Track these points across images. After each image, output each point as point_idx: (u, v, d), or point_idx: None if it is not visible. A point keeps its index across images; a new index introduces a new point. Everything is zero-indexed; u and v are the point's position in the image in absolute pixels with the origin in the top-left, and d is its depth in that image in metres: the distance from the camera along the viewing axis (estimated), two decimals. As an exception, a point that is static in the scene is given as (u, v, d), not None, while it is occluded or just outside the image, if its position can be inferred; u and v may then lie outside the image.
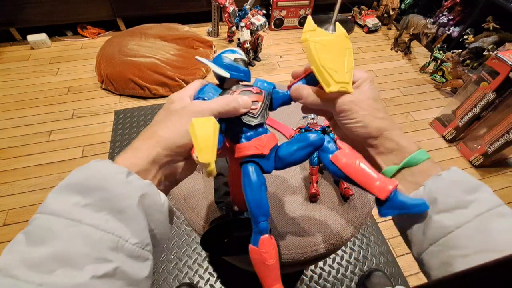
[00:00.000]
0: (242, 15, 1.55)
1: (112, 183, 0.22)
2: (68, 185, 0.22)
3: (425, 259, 0.27)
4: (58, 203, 0.21)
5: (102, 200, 0.21)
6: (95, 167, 0.23)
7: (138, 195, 0.23)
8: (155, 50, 1.53)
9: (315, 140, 0.30)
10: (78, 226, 0.20)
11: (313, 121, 0.61)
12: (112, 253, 0.20)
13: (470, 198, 0.25)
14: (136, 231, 0.22)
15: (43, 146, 1.21)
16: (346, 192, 0.52)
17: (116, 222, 0.21)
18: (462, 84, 1.44)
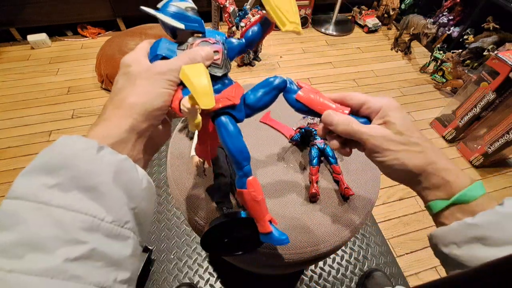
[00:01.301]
0: (242, 15, 1.55)
1: (81, 160, 0.21)
2: (35, 166, 0.21)
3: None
4: (24, 186, 0.20)
5: (71, 179, 0.20)
6: (62, 144, 0.22)
7: (111, 170, 0.21)
8: (155, 50, 1.53)
9: (279, 83, 0.32)
10: (45, 209, 0.19)
11: (313, 121, 0.61)
12: (86, 234, 0.19)
13: None
14: (112, 208, 0.21)
15: (43, 146, 1.20)
16: (346, 192, 0.52)
17: (89, 201, 0.20)
18: (462, 84, 1.44)
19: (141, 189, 0.24)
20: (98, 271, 0.19)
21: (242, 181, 0.32)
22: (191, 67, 0.23)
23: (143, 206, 0.24)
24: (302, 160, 0.59)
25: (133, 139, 0.24)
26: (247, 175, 0.32)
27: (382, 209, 1.06)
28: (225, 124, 0.30)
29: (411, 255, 0.95)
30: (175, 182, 0.55)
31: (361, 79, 1.63)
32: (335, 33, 1.98)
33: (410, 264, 0.93)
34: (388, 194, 1.11)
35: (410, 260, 0.94)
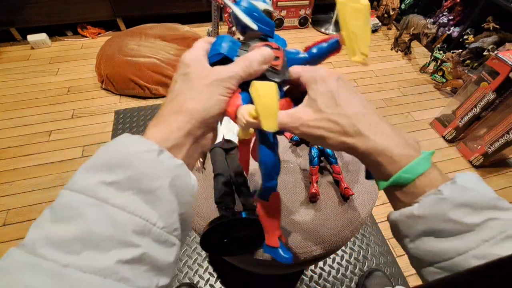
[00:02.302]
0: (242, 15, 1.55)
1: (141, 162, 0.21)
2: (97, 161, 0.21)
3: (423, 274, 0.25)
4: (84, 180, 0.20)
5: (129, 179, 0.20)
6: (124, 143, 0.22)
7: (170, 176, 0.21)
8: (155, 50, 1.53)
9: None
10: (103, 206, 0.19)
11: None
12: (139, 237, 0.19)
13: (478, 219, 0.21)
14: (164, 214, 0.21)
15: (43, 146, 1.21)
16: (346, 192, 0.52)
17: (143, 204, 0.20)
18: (462, 84, 1.44)
19: (191, 195, 0.24)
20: (144, 275, 0.19)
21: (267, 193, 0.32)
22: (264, 84, 0.22)
23: (189, 212, 0.24)
24: (302, 160, 0.59)
25: (188, 144, 0.24)
26: (274, 188, 0.32)
27: (382, 209, 1.06)
28: (268, 135, 0.29)
29: (411, 255, 0.95)
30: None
31: (361, 79, 1.63)
32: (335, 33, 1.98)
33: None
34: (388, 194, 1.11)
35: (410, 260, 0.94)
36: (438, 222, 0.22)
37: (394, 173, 0.24)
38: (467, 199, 0.22)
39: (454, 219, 0.22)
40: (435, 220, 0.22)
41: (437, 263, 0.23)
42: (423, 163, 0.24)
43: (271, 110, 0.21)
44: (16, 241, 0.92)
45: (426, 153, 0.25)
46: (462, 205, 0.22)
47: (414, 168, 0.24)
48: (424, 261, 0.24)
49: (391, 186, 0.25)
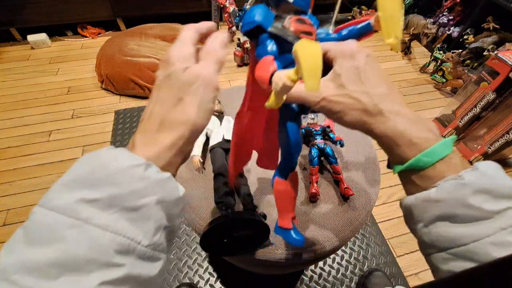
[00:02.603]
0: (242, 15, 1.55)
1: (127, 178, 0.19)
2: (75, 176, 0.19)
3: (432, 261, 0.25)
4: (61, 197, 0.19)
5: (113, 197, 0.19)
6: (109, 156, 0.20)
7: (157, 192, 0.20)
8: (155, 50, 1.53)
9: None
10: (83, 227, 0.18)
11: (313, 121, 0.61)
12: (122, 257, 0.18)
13: (497, 207, 0.21)
14: (149, 231, 0.20)
15: (43, 146, 1.21)
16: (346, 192, 0.52)
17: (126, 222, 0.19)
18: (462, 84, 1.44)
19: (179, 210, 0.23)
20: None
21: (286, 173, 0.33)
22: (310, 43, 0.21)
23: (176, 223, 0.23)
24: (302, 160, 0.59)
25: (180, 160, 0.24)
26: (294, 168, 0.33)
27: (382, 209, 1.06)
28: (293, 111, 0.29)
29: (411, 255, 0.95)
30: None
31: (361, 79, 1.63)
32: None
33: (410, 264, 0.93)
34: (388, 194, 1.11)
35: (410, 260, 0.94)
36: (456, 207, 0.22)
37: (412, 157, 0.24)
38: (488, 186, 0.21)
39: (473, 204, 0.21)
40: (453, 205, 0.22)
41: (450, 249, 0.22)
42: (444, 148, 0.23)
43: (315, 70, 0.21)
44: (16, 241, 0.92)
45: (448, 139, 0.24)
46: (482, 192, 0.21)
47: (434, 152, 0.23)
48: (436, 246, 0.23)
49: (407, 170, 0.24)
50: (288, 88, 0.22)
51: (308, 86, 0.20)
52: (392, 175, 0.28)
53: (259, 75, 0.25)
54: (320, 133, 0.57)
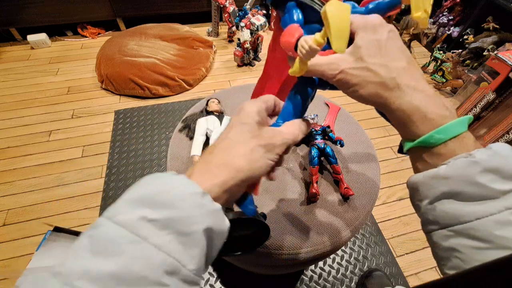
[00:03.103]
0: (242, 15, 1.55)
1: (185, 203, 0.21)
2: (140, 195, 0.21)
3: (433, 238, 0.25)
4: (126, 213, 0.20)
5: (170, 219, 0.20)
6: (170, 181, 0.22)
7: (207, 221, 0.21)
8: (155, 50, 1.53)
9: None
10: (142, 244, 0.19)
11: (313, 121, 0.61)
12: (169, 277, 0.19)
13: (505, 187, 0.21)
14: (195, 257, 0.21)
15: (43, 146, 1.21)
16: (346, 192, 0.52)
17: (178, 245, 0.20)
18: (462, 84, 1.44)
19: (222, 240, 0.24)
20: None
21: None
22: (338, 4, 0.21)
23: (214, 255, 0.24)
24: (302, 160, 0.59)
25: (225, 198, 0.25)
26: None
27: (382, 209, 1.06)
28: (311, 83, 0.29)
29: (411, 255, 0.95)
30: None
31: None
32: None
33: (410, 264, 0.93)
34: (388, 194, 1.11)
35: (410, 260, 0.94)
36: (463, 185, 0.22)
37: (425, 133, 0.23)
38: (499, 165, 0.21)
39: (481, 183, 0.21)
40: (461, 182, 0.22)
41: (453, 225, 0.22)
42: (459, 126, 0.23)
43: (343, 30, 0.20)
44: (16, 241, 0.92)
45: (464, 117, 0.23)
46: (492, 171, 0.21)
47: (448, 129, 0.23)
48: (439, 223, 0.24)
49: (418, 146, 0.24)
50: (313, 51, 0.22)
51: (335, 46, 0.20)
52: (392, 175, 0.28)
53: (285, 40, 0.25)
54: (320, 133, 0.57)
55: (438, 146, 0.23)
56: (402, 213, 1.05)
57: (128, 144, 1.22)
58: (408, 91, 0.24)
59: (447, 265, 0.24)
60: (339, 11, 0.20)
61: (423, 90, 0.24)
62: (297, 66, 0.24)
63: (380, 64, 0.25)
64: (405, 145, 0.26)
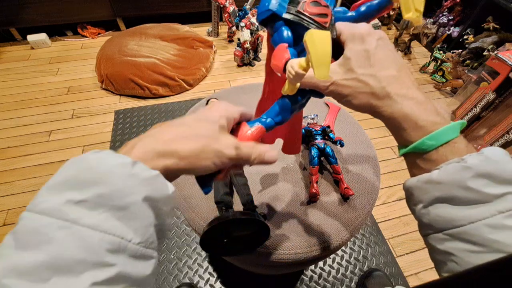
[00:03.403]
0: (242, 15, 1.55)
1: (114, 177, 0.19)
2: (62, 179, 0.19)
3: (429, 241, 0.25)
4: (50, 200, 0.19)
5: (101, 196, 0.19)
6: (93, 158, 0.20)
7: (144, 189, 0.20)
8: (155, 50, 1.53)
9: None
10: (72, 227, 0.18)
11: (313, 121, 0.61)
12: (113, 256, 0.18)
13: (497, 191, 0.21)
14: (140, 229, 0.20)
15: (43, 146, 1.21)
16: (346, 192, 0.52)
17: (116, 221, 0.19)
18: (462, 84, 1.44)
19: (169, 207, 0.23)
20: None
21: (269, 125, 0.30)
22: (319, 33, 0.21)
23: (166, 221, 0.23)
24: (302, 160, 0.59)
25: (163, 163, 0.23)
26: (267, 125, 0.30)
27: (382, 209, 1.06)
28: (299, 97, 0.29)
29: (411, 255, 0.95)
30: (175, 182, 0.55)
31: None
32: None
33: (410, 264, 0.93)
34: (388, 194, 1.11)
35: (410, 260, 0.94)
36: (456, 189, 0.22)
37: (417, 139, 0.24)
38: (490, 170, 0.21)
39: (473, 187, 0.21)
40: (453, 187, 0.22)
41: (447, 229, 0.23)
42: (450, 132, 0.23)
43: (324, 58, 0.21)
44: (16, 241, 0.92)
45: (456, 123, 0.24)
46: (484, 176, 0.21)
47: (439, 136, 0.23)
48: (434, 227, 0.24)
49: (411, 152, 0.25)
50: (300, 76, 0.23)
51: (318, 74, 0.20)
52: (392, 175, 0.28)
53: (274, 63, 0.25)
54: (320, 133, 0.57)
55: (430, 152, 0.24)
56: (402, 213, 1.05)
57: (128, 144, 1.22)
58: (398, 100, 0.25)
59: (444, 268, 0.24)
60: (318, 40, 0.21)
61: (413, 97, 0.25)
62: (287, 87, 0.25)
63: (369, 75, 0.25)
64: (399, 150, 0.27)
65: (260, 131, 0.29)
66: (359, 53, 0.26)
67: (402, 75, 0.26)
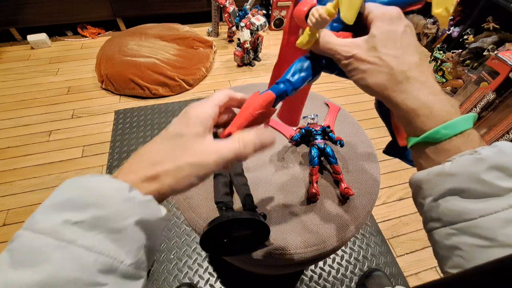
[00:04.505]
0: (242, 15, 1.55)
1: (112, 200, 0.20)
2: (61, 199, 0.20)
3: (434, 236, 0.25)
4: (47, 220, 0.19)
5: (98, 218, 0.20)
6: (94, 180, 0.21)
7: (138, 213, 0.21)
8: (155, 50, 1.53)
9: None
10: (68, 248, 0.18)
11: (313, 121, 0.61)
12: (105, 276, 0.19)
13: (510, 185, 0.21)
14: (132, 251, 0.21)
15: (43, 146, 1.21)
16: (346, 192, 0.52)
17: (110, 243, 0.20)
18: (462, 84, 1.44)
19: (160, 229, 0.24)
20: None
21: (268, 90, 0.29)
22: None
23: (156, 243, 0.24)
24: (302, 160, 0.59)
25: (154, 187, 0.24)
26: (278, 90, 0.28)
27: (382, 209, 1.06)
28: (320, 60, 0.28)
29: (411, 255, 0.95)
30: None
31: (361, 79, 1.63)
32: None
33: (410, 264, 0.93)
34: (388, 194, 1.11)
35: (410, 260, 0.94)
36: (469, 182, 0.22)
37: (431, 128, 0.23)
38: (504, 163, 0.21)
39: (486, 180, 0.21)
40: (466, 179, 0.22)
41: (456, 223, 0.22)
42: (465, 122, 0.23)
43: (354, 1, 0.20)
44: (16, 241, 0.93)
45: (469, 115, 0.24)
46: (497, 168, 0.21)
47: (454, 125, 0.23)
48: (442, 220, 0.23)
49: (423, 142, 0.24)
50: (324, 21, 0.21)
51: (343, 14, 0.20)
52: (392, 175, 0.27)
53: (297, 9, 0.24)
54: (320, 133, 0.57)
55: (443, 141, 0.23)
56: (402, 213, 1.05)
57: (128, 144, 1.22)
58: (416, 85, 0.24)
59: (448, 263, 0.24)
60: None
61: (431, 87, 0.24)
62: (305, 37, 0.23)
63: (392, 56, 0.25)
64: (409, 141, 0.26)
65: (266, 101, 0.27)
66: (386, 33, 0.25)
67: (424, 64, 0.25)
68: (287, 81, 0.28)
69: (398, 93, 0.25)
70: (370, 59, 0.25)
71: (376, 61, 0.25)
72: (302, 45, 0.25)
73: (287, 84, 0.28)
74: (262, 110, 0.27)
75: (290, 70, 0.28)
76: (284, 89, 0.27)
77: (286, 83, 0.28)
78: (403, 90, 0.24)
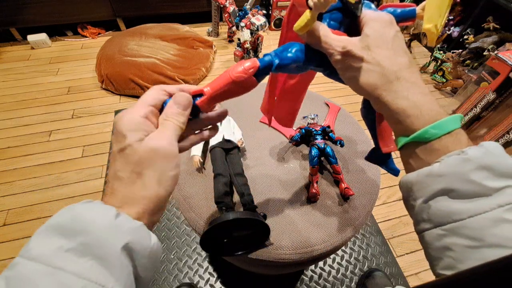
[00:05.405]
0: (242, 15, 1.55)
1: (94, 227, 0.21)
2: (53, 226, 0.21)
3: (425, 238, 0.25)
4: (40, 247, 0.20)
5: (84, 245, 0.20)
6: (81, 207, 0.22)
7: (124, 240, 0.21)
8: (155, 50, 1.53)
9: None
10: (58, 274, 0.19)
11: (313, 121, 0.61)
12: None
13: (497, 185, 0.21)
14: (120, 278, 0.21)
15: (43, 146, 1.21)
16: (346, 192, 0.52)
17: (100, 269, 0.20)
18: (462, 84, 1.44)
19: (149, 257, 0.23)
20: None
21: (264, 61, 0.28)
22: None
23: (148, 275, 0.24)
24: (302, 160, 0.59)
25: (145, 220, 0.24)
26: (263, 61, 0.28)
27: (382, 209, 1.06)
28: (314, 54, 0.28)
29: (411, 255, 0.95)
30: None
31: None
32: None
33: (410, 264, 0.93)
34: (388, 194, 1.11)
35: (410, 260, 0.94)
36: (457, 182, 0.22)
37: (420, 128, 0.24)
38: (491, 163, 0.21)
39: (474, 180, 0.21)
40: (454, 179, 0.22)
41: (446, 224, 0.22)
42: (453, 122, 0.23)
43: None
44: (15, 241, 0.92)
45: (457, 115, 0.24)
46: (485, 168, 0.21)
47: (443, 125, 0.23)
48: (432, 221, 0.24)
49: (412, 142, 0.25)
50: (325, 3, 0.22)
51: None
52: (392, 175, 0.27)
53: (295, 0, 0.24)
54: (320, 133, 0.57)
55: (432, 141, 0.23)
56: (402, 213, 1.05)
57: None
58: (407, 85, 0.25)
59: (440, 265, 0.24)
60: None
61: (420, 87, 0.25)
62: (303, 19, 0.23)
63: (385, 56, 0.25)
64: (398, 141, 0.26)
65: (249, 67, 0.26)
66: (379, 34, 0.26)
67: (413, 66, 0.26)
68: (274, 54, 0.28)
69: (389, 93, 0.25)
70: (364, 57, 0.25)
71: (369, 60, 0.25)
72: (299, 29, 0.25)
73: (273, 55, 0.27)
74: (243, 75, 0.26)
75: (280, 48, 0.28)
76: (269, 61, 0.27)
77: (272, 55, 0.27)
78: (394, 89, 0.25)
